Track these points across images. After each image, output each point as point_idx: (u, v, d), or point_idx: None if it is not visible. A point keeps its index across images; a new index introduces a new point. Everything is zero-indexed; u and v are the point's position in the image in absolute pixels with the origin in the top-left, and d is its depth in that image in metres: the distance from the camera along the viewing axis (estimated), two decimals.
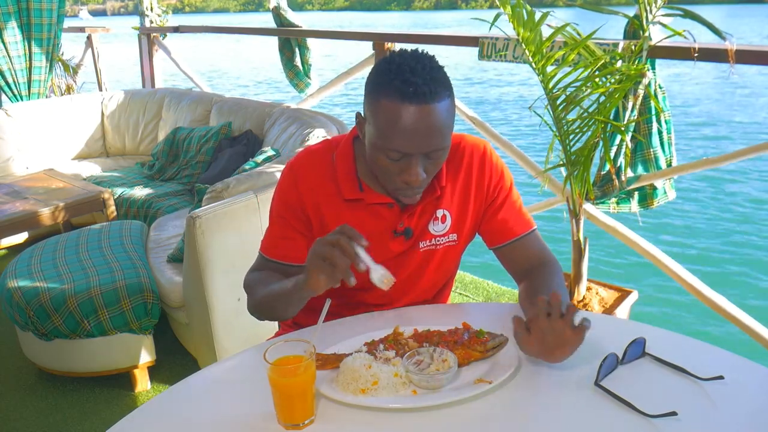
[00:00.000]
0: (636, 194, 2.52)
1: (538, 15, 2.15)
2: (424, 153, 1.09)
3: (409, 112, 1.05)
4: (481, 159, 1.28)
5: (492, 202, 1.29)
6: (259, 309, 1.24)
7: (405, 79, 1.04)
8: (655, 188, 2.50)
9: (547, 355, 1.01)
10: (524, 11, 2.14)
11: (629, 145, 2.34)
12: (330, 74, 4.07)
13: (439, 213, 1.26)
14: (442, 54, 1.29)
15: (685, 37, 2.12)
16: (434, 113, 1.06)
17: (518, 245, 1.29)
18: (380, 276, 1.02)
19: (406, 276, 1.29)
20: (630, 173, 2.41)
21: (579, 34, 2.20)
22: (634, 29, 2.27)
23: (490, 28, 2.27)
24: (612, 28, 2.29)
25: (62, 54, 4.99)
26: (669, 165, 2.40)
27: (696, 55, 2.13)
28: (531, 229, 1.30)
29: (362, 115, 1.16)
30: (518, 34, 2.19)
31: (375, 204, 1.23)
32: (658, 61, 2.32)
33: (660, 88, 2.33)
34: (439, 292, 1.40)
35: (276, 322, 1.51)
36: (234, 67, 19.56)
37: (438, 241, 1.28)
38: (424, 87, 1.04)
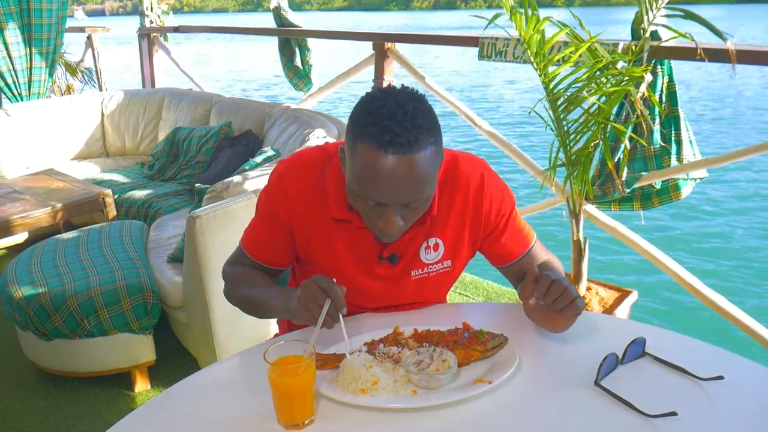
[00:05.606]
0: (639, 194, 2.51)
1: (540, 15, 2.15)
2: (402, 204, 1.02)
3: (385, 161, 0.96)
4: (479, 185, 1.20)
5: (493, 229, 1.24)
6: (239, 305, 1.28)
7: (383, 125, 0.95)
8: (660, 186, 2.47)
9: (550, 327, 1.11)
10: (525, 13, 2.13)
11: (627, 146, 2.33)
12: (330, 74, 4.06)
13: (432, 241, 1.21)
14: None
15: (690, 38, 2.12)
16: (413, 164, 0.97)
17: (521, 262, 1.28)
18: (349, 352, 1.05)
19: (399, 303, 1.27)
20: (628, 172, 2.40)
21: (587, 33, 2.19)
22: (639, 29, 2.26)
23: (485, 28, 2.28)
24: (613, 29, 2.29)
25: (63, 54, 4.98)
26: (680, 162, 2.37)
27: (699, 56, 2.12)
28: (532, 243, 1.28)
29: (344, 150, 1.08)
30: (520, 35, 2.19)
31: (363, 227, 1.16)
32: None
33: (671, 82, 2.30)
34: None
35: (275, 322, 1.51)
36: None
37: (431, 268, 1.24)
38: (403, 137, 0.95)
